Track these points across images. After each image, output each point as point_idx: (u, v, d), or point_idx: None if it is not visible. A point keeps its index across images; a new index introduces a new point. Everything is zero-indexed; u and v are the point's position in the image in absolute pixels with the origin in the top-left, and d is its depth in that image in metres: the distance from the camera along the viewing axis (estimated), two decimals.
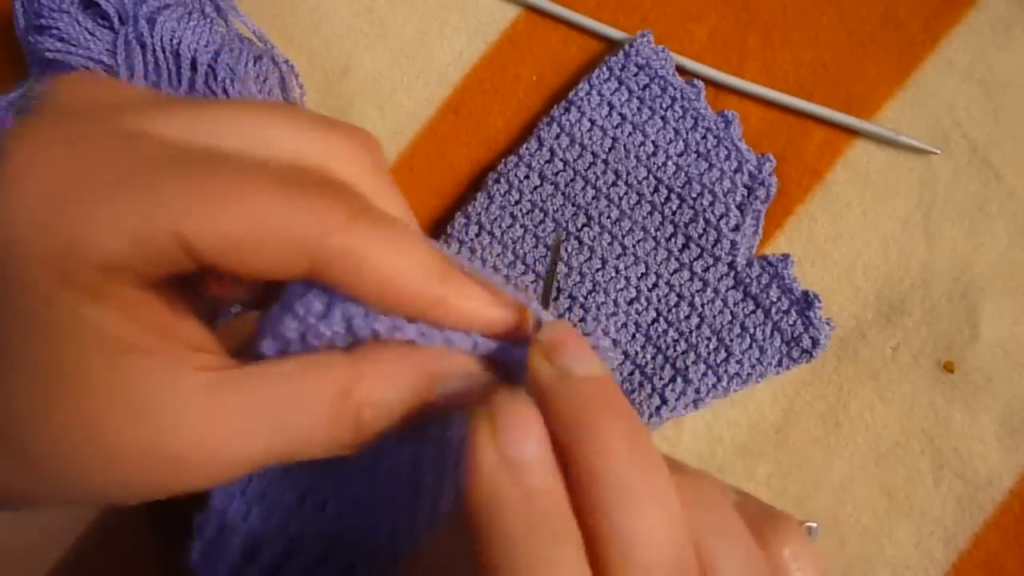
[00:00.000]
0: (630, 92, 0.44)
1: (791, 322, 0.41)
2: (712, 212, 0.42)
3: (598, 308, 0.42)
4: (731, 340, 0.41)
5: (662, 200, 0.43)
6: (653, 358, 0.41)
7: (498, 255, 0.43)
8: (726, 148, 0.43)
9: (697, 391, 0.41)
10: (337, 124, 0.25)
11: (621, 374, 0.42)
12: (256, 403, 0.22)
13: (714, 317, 0.41)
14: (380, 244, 0.23)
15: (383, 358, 0.24)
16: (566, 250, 0.43)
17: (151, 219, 0.21)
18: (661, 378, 0.41)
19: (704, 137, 0.43)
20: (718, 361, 0.41)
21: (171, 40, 0.41)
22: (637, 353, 0.42)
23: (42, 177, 0.21)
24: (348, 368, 0.23)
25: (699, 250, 0.42)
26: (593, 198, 0.43)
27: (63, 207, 0.21)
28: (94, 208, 0.21)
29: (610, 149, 0.44)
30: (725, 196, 0.43)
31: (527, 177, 0.43)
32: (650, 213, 0.43)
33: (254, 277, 0.23)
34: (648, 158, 0.43)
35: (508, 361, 0.25)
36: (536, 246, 0.43)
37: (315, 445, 0.23)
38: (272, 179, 0.22)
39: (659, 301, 0.42)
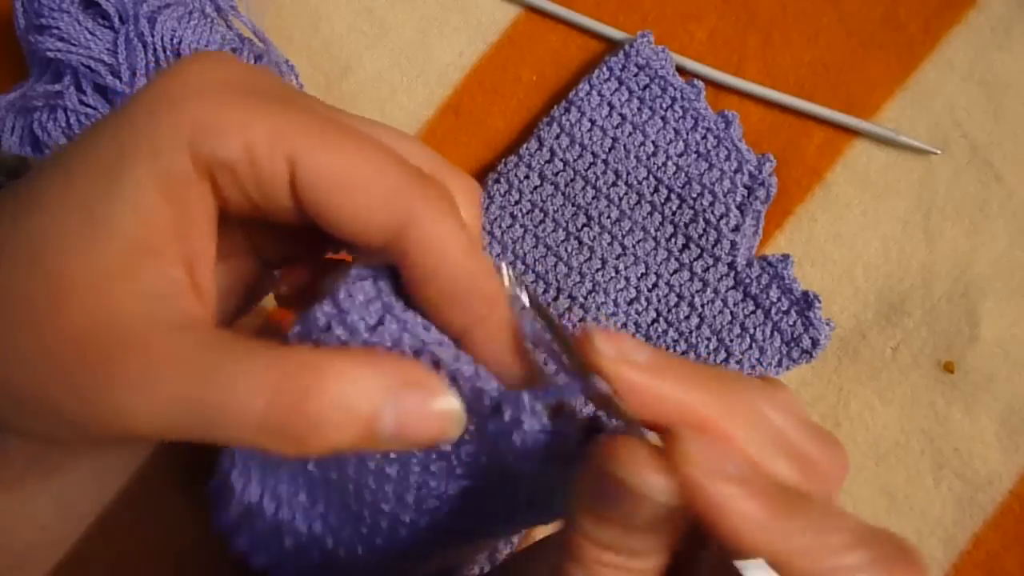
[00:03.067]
0: (630, 92, 0.44)
1: (791, 322, 0.41)
2: (712, 212, 0.42)
3: (598, 308, 0.42)
4: (731, 340, 0.41)
5: (662, 200, 0.43)
6: None
7: (498, 255, 0.43)
8: (726, 148, 0.43)
9: None
10: (457, 168, 0.28)
11: None
12: (189, 395, 0.22)
13: (714, 317, 0.41)
14: (463, 243, 0.24)
15: (351, 367, 0.23)
16: (566, 250, 0.43)
17: (272, 135, 0.23)
18: None
19: (704, 137, 0.43)
20: (718, 361, 0.41)
21: (171, 39, 0.41)
22: None
23: (201, 78, 0.24)
24: (305, 368, 0.23)
25: (699, 250, 0.42)
26: (593, 198, 0.43)
27: (206, 103, 0.23)
28: (227, 110, 0.23)
29: (610, 149, 0.44)
30: (725, 196, 0.43)
31: (527, 177, 0.43)
32: (650, 213, 0.43)
33: (335, 229, 0.24)
34: (648, 158, 0.43)
35: (482, 393, 0.25)
36: (536, 246, 0.43)
37: (240, 438, 0.22)
38: (391, 153, 0.24)
39: (659, 301, 0.42)
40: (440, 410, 0.24)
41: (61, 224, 0.23)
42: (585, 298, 0.42)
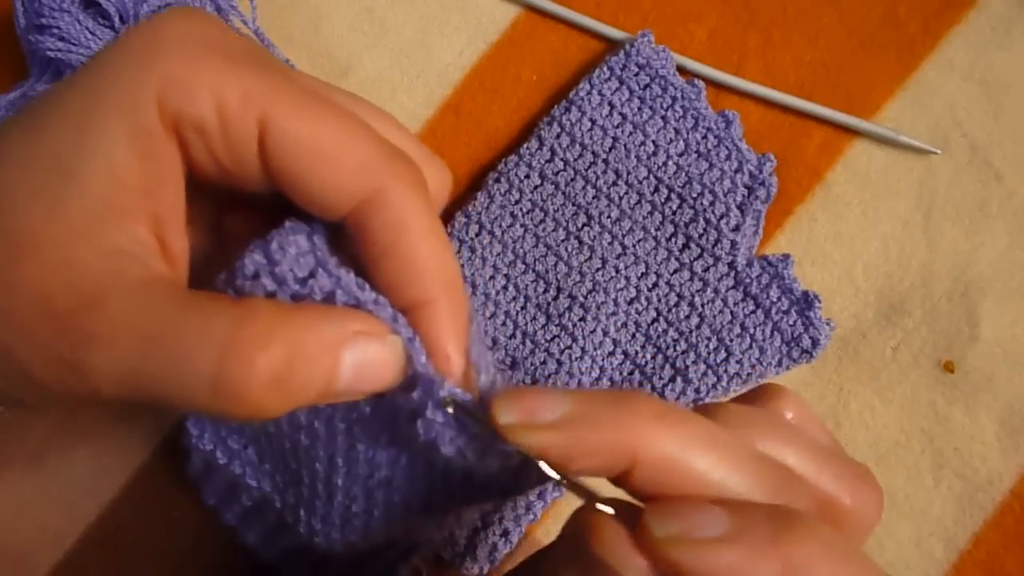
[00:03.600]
0: (631, 92, 0.44)
1: (791, 322, 0.41)
2: (712, 212, 0.42)
3: (598, 308, 0.42)
4: (731, 340, 0.41)
5: (662, 200, 0.43)
6: (653, 358, 0.41)
7: (498, 255, 0.43)
8: (726, 148, 0.43)
9: (697, 391, 0.41)
10: (431, 153, 0.27)
11: (621, 374, 0.42)
12: (146, 353, 0.21)
13: (714, 317, 0.41)
14: (427, 222, 0.24)
15: (298, 319, 0.22)
16: (566, 250, 0.43)
17: (245, 95, 0.23)
18: (661, 378, 0.41)
19: (704, 137, 0.43)
20: (718, 361, 0.41)
21: None
22: (637, 353, 0.42)
23: (177, 39, 0.23)
24: (254, 333, 0.22)
25: (699, 250, 0.42)
26: (593, 198, 0.43)
27: (185, 59, 0.23)
28: (199, 66, 0.23)
29: (610, 149, 0.44)
30: (725, 196, 0.43)
31: (527, 177, 0.43)
32: (650, 213, 0.43)
33: (301, 198, 0.24)
34: (648, 158, 0.43)
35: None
36: (536, 245, 0.43)
37: (194, 399, 0.22)
38: (366, 126, 0.24)
39: (659, 301, 0.42)
40: (390, 355, 0.23)
41: (27, 178, 0.22)
42: (585, 298, 0.42)
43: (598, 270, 0.42)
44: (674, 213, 0.43)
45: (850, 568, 0.20)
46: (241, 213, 0.28)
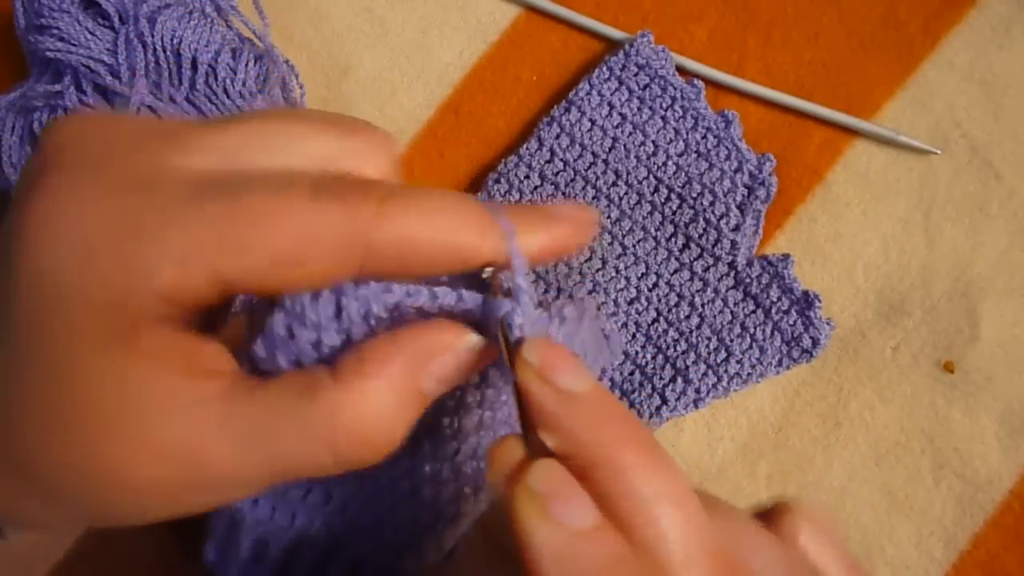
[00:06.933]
0: (630, 92, 0.44)
1: (791, 322, 0.41)
2: (712, 212, 0.42)
3: (598, 308, 0.42)
4: (731, 340, 0.41)
5: (662, 200, 0.43)
6: (653, 358, 0.41)
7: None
8: (726, 148, 0.43)
9: (697, 391, 0.41)
10: (355, 127, 0.25)
11: (621, 374, 0.42)
12: (258, 431, 0.22)
13: (714, 317, 0.41)
14: (420, 213, 0.23)
15: (370, 367, 0.23)
16: None
17: (186, 264, 0.21)
18: (661, 378, 0.41)
19: (704, 137, 0.43)
20: (718, 361, 0.41)
21: (172, 40, 0.41)
22: (637, 353, 0.42)
23: (68, 233, 0.21)
24: (337, 391, 0.22)
25: (699, 250, 0.42)
26: (593, 198, 0.43)
27: (94, 260, 0.21)
28: (127, 261, 0.21)
29: (610, 149, 0.44)
30: (725, 196, 0.43)
31: (527, 177, 0.43)
32: (650, 213, 0.43)
33: (305, 289, 0.23)
34: (648, 158, 0.43)
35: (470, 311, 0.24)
36: None
37: (312, 469, 0.23)
38: (299, 192, 0.22)
39: (659, 301, 0.42)
40: (464, 360, 0.24)
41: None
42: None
43: (598, 270, 0.42)
44: (674, 213, 0.43)
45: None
46: None
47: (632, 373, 0.41)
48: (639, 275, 0.42)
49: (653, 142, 0.43)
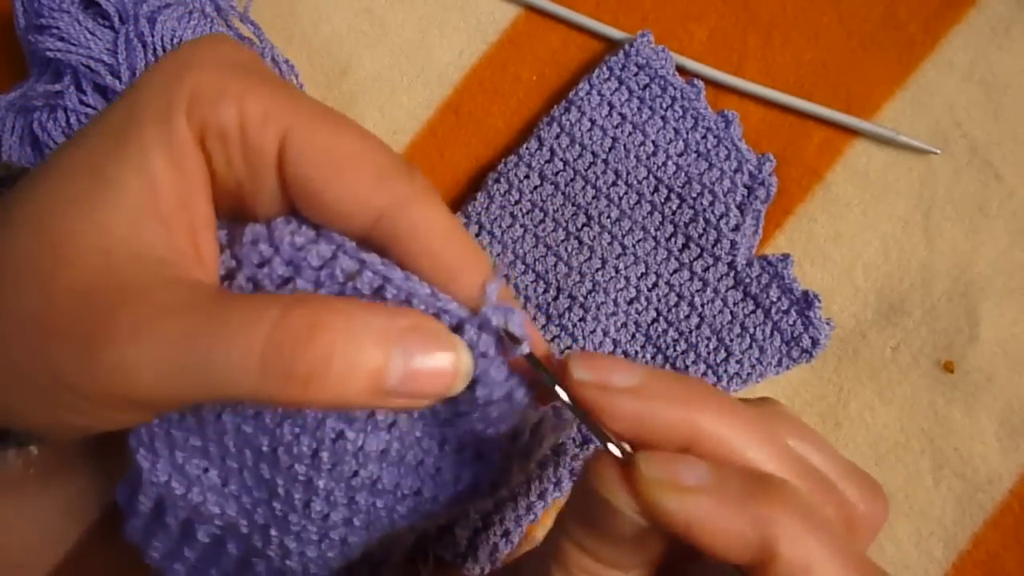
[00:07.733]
0: (630, 92, 0.44)
1: (791, 322, 0.41)
2: (712, 212, 0.42)
3: (598, 308, 0.42)
4: (731, 340, 0.41)
5: (662, 200, 0.43)
6: (653, 358, 0.41)
7: (498, 255, 0.43)
8: (726, 148, 0.43)
9: None
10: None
11: None
12: (192, 338, 0.22)
13: (714, 317, 0.41)
14: (451, 226, 0.25)
15: (345, 308, 0.23)
16: (566, 250, 0.43)
17: (266, 109, 0.24)
18: None
19: (704, 137, 0.43)
20: (718, 361, 0.41)
21: (172, 39, 0.41)
22: (637, 353, 0.42)
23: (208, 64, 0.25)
24: (304, 304, 0.23)
25: (699, 250, 0.42)
26: (593, 198, 0.43)
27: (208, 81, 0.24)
28: (225, 82, 0.24)
29: (610, 149, 0.44)
30: (725, 196, 0.43)
31: (527, 177, 0.43)
32: (650, 213, 0.43)
33: (319, 210, 0.25)
34: (648, 158, 0.43)
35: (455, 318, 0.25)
36: (536, 246, 0.43)
37: (243, 385, 0.22)
38: (377, 138, 0.26)
39: (659, 301, 0.42)
40: (449, 359, 0.24)
41: (69, 185, 0.24)
42: (585, 298, 0.42)
43: (598, 270, 0.42)
44: (674, 213, 0.43)
45: (820, 535, 0.21)
46: None
47: None
48: (639, 275, 0.42)
49: (653, 142, 0.43)
